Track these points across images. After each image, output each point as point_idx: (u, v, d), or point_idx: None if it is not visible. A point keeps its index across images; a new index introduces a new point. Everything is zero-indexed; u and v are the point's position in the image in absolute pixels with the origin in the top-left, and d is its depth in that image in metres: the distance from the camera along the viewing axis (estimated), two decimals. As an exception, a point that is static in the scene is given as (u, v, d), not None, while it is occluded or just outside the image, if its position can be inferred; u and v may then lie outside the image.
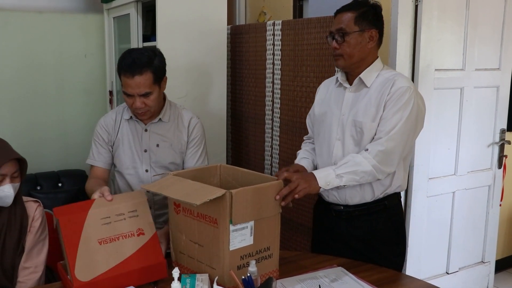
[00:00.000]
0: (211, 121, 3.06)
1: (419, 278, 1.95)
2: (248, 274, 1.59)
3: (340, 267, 1.90)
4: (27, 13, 3.33)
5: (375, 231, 2.04)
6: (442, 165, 2.84)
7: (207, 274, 1.74)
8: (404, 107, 1.89)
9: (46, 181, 3.21)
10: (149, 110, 2.12)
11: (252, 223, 1.71)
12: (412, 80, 2.60)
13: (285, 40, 2.84)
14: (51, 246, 2.01)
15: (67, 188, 3.21)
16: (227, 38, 3.17)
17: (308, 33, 2.70)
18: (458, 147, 2.88)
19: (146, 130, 2.20)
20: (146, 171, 2.21)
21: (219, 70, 3.08)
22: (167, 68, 2.85)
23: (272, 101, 2.99)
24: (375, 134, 1.94)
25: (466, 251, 3.08)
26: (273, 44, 2.93)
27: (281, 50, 2.88)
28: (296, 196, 1.82)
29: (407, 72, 2.57)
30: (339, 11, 2.01)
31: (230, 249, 1.67)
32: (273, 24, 2.91)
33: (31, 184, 3.16)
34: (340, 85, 2.09)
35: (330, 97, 2.13)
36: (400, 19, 2.51)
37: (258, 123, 3.15)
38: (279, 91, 2.93)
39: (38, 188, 3.17)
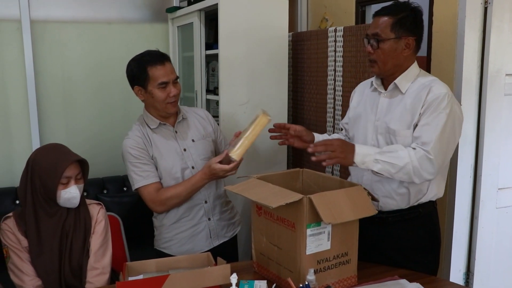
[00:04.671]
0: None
1: (487, 294, 1.86)
2: (306, 283, 1.59)
3: (404, 279, 1.86)
4: (97, 25, 3.48)
5: (407, 238, 2.00)
6: (513, 174, 2.70)
7: (265, 281, 1.76)
8: (443, 114, 1.84)
9: (112, 185, 3.34)
10: (178, 99, 2.24)
11: (329, 228, 1.73)
12: (480, 85, 2.49)
13: (347, 46, 2.80)
14: (113, 248, 2.08)
15: (131, 192, 3.30)
16: (289, 45, 3.17)
17: (371, 39, 2.65)
18: (531, 155, 2.73)
19: (176, 132, 2.28)
20: (193, 167, 2.26)
21: (281, 77, 3.08)
22: (229, 75, 2.91)
23: (334, 108, 2.96)
24: (412, 142, 1.89)
25: (541, 267, 2.89)
26: (335, 51, 2.90)
27: (342, 56, 2.84)
28: (324, 163, 1.82)
29: (474, 78, 2.47)
30: (377, 14, 1.94)
31: (307, 253, 1.70)
32: (335, 31, 2.88)
33: (99, 187, 3.29)
34: (375, 89, 2.06)
35: (365, 101, 2.10)
36: (468, 22, 2.41)
37: (320, 130, 3.12)
38: (341, 98, 2.89)
39: (105, 192, 3.30)
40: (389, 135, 1.96)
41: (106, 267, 2.00)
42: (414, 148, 1.85)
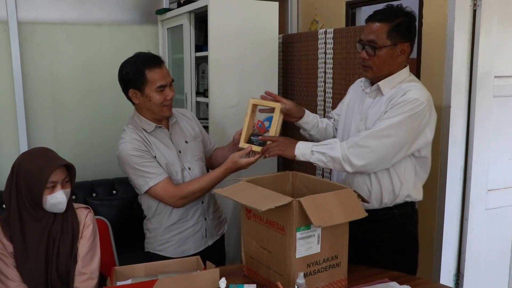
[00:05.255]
0: (262, 130, 3.06)
1: (477, 297, 1.86)
2: (296, 286, 1.58)
3: (394, 282, 1.85)
4: (86, 26, 3.46)
5: (383, 237, 2.03)
6: (502, 176, 2.70)
7: (255, 285, 1.76)
8: (400, 114, 1.85)
9: (101, 188, 3.31)
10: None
11: (319, 231, 1.73)
12: (470, 87, 2.50)
13: (337, 48, 2.80)
14: (101, 252, 2.05)
15: (121, 196, 3.29)
16: (279, 47, 3.16)
17: (361, 41, 2.66)
18: (520, 157, 2.74)
19: (171, 134, 2.28)
20: (189, 169, 2.27)
21: (271, 79, 3.07)
22: (219, 77, 2.90)
23: (324, 110, 2.96)
24: None
25: (531, 269, 2.91)
26: (325, 53, 2.89)
27: (332, 58, 2.84)
28: (266, 155, 2.04)
29: (464, 80, 2.47)
30: (371, 19, 1.94)
31: (297, 257, 1.69)
32: (325, 33, 2.87)
33: (88, 191, 3.26)
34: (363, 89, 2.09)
35: (355, 99, 2.13)
36: (457, 24, 2.42)
37: (310, 132, 3.12)
38: (331, 100, 2.89)
39: (94, 195, 3.27)
40: None
41: (94, 272, 1.98)
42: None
